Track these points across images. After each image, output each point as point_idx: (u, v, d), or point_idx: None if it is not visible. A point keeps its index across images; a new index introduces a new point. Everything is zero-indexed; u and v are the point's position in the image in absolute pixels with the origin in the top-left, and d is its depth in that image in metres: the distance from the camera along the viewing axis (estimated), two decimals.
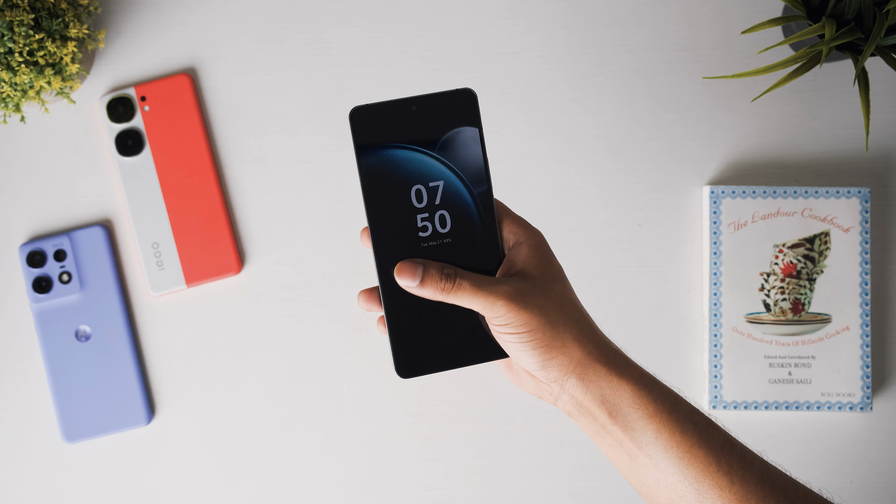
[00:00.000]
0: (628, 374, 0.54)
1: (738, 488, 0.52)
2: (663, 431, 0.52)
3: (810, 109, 0.84)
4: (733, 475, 0.52)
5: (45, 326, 0.83)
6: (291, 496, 0.84)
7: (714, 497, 0.52)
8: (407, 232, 0.55)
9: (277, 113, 0.85)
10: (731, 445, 0.53)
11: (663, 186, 0.85)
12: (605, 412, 0.53)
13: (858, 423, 0.84)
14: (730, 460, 0.53)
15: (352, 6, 0.85)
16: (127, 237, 0.85)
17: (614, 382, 0.53)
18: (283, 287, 0.85)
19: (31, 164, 0.85)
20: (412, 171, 0.54)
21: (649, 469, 0.53)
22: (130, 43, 0.85)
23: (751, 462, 0.53)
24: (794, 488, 0.54)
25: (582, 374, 0.53)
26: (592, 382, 0.53)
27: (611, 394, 0.53)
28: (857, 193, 0.82)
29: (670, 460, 0.52)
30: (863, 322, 0.82)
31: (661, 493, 0.53)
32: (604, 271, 0.85)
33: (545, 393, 0.55)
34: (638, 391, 0.53)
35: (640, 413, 0.53)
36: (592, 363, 0.53)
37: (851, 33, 0.71)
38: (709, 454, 0.52)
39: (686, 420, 0.53)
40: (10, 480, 0.84)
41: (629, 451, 0.53)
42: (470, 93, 0.55)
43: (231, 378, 0.84)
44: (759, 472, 0.53)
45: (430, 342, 0.56)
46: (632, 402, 0.53)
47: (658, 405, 0.53)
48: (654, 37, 0.85)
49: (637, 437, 0.53)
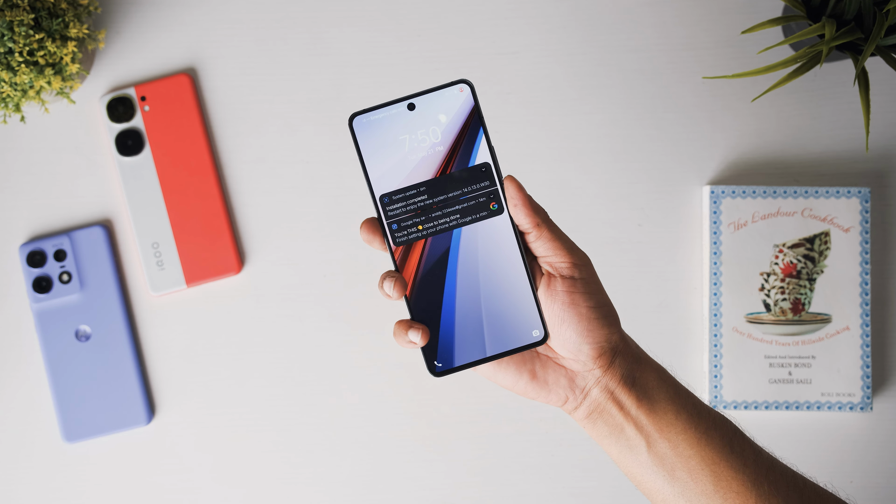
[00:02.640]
0: (651, 361, 0.56)
1: (752, 471, 0.53)
2: (682, 413, 0.54)
3: (810, 109, 0.84)
4: (746, 459, 0.54)
5: (45, 326, 0.83)
6: (291, 496, 0.84)
7: (729, 479, 0.53)
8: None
9: (277, 113, 0.85)
10: (741, 435, 0.55)
11: (663, 186, 0.85)
12: (633, 396, 0.54)
13: (858, 423, 0.84)
14: (742, 446, 0.54)
15: (352, 6, 0.85)
16: (127, 237, 0.85)
17: (642, 367, 0.55)
18: (283, 287, 0.85)
19: (31, 164, 0.85)
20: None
21: (667, 455, 0.54)
22: (130, 43, 0.85)
23: (760, 451, 0.55)
24: (802, 479, 0.55)
25: (624, 356, 0.54)
26: (629, 366, 0.54)
27: (640, 377, 0.54)
28: (857, 193, 0.82)
29: (688, 441, 0.53)
30: (863, 322, 0.82)
31: (675, 483, 0.54)
32: (604, 271, 0.84)
33: (574, 392, 0.55)
34: (660, 375, 0.55)
35: (663, 395, 0.54)
36: (630, 348, 0.55)
37: (851, 33, 0.71)
38: (723, 438, 0.54)
39: (700, 407, 0.55)
40: (10, 480, 0.84)
41: (649, 436, 0.54)
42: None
43: (231, 378, 0.84)
44: (769, 459, 0.55)
45: (461, 334, 0.55)
46: (656, 384, 0.54)
47: (676, 389, 0.55)
48: (654, 37, 0.85)
49: (659, 418, 0.54)
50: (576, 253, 0.54)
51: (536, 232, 0.54)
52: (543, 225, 0.54)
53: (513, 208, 0.54)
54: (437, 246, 0.55)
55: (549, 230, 0.54)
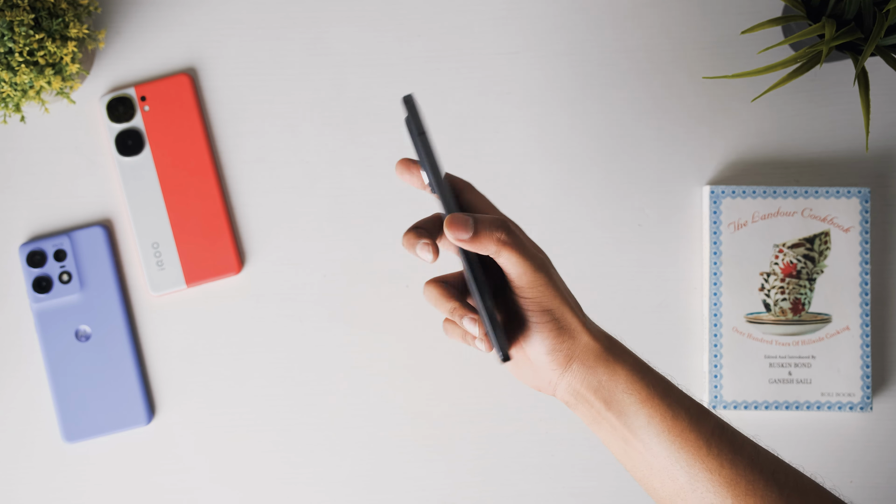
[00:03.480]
0: (623, 360, 0.55)
1: (728, 472, 0.53)
2: (655, 416, 0.53)
3: (810, 109, 0.84)
4: (723, 459, 0.53)
5: (45, 326, 0.83)
6: (291, 496, 0.84)
7: (704, 480, 0.53)
8: None
9: (277, 113, 0.85)
10: (722, 430, 0.54)
11: (663, 186, 0.85)
12: (601, 400, 0.54)
13: (858, 423, 0.84)
14: (720, 444, 0.53)
15: (352, 6, 0.85)
16: (127, 237, 0.85)
17: (611, 369, 0.54)
18: (283, 287, 0.85)
19: (31, 164, 0.85)
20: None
21: (643, 454, 0.54)
22: (130, 43, 0.85)
23: (741, 446, 0.54)
24: (784, 472, 0.55)
25: (584, 360, 0.54)
26: (591, 369, 0.54)
27: (607, 380, 0.54)
28: (857, 193, 0.82)
29: (662, 444, 0.53)
30: (863, 322, 0.82)
31: (654, 477, 0.54)
32: (604, 271, 0.85)
33: (544, 382, 0.56)
34: (632, 377, 0.54)
35: (634, 398, 0.54)
36: (595, 350, 0.54)
37: (851, 33, 0.71)
38: (699, 438, 0.53)
39: (677, 405, 0.54)
40: (10, 480, 0.84)
41: (623, 436, 0.54)
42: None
43: (231, 378, 0.84)
44: (750, 455, 0.54)
45: (506, 325, 0.56)
46: (626, 387, 0.54)
47: (650, 390, 0.54)
48: (654, 37, 0.85)
49: (630, 422, 0.54)
50: (531, 273, 0.53)
51: (496, 251, 0.53)
52: (502, 246, 0.53)
53: (462, 245, 0.54)
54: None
55: (508, 250, 0.53)
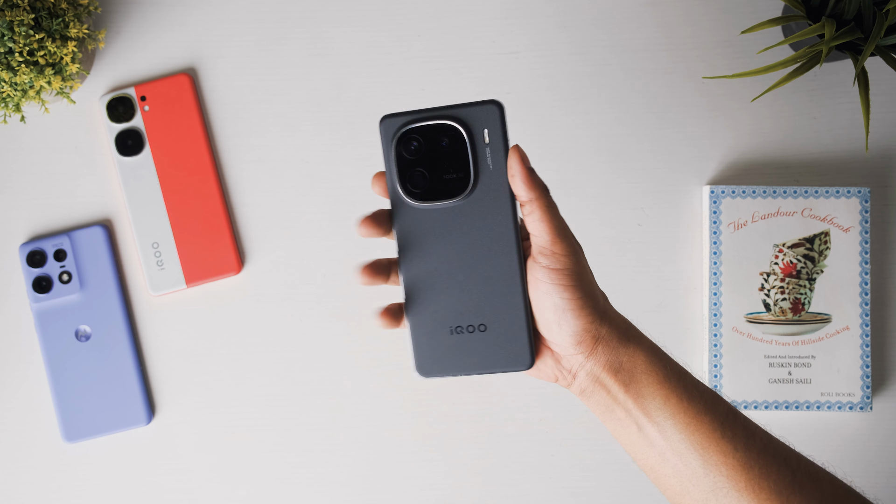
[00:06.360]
0: (641, 342, 0.55)
1: (742, 455, 0.53)
2: (671, 398, 0.54)
3: (810, 109, 0.84)
4: (737, 442, 0.53)
5: (45, 326, 0.83)
6: (291, 496, 0.84)
7: (718, 463, 0.53)
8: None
9: (277, 113, 0.85)
10: (735, 415, 0.55)
11: (663, 186, 0.85)
12: (620, 382, 0.54)
13: (858, 422, 0.84)
14: (734, 428, 0.54)
15: (352, 6, 0.85)
16: (127, 237, 0.85)
17: (631, 350, 0.55)
18: (283, 287, 0.85)
19: (31, 164, 0.85)
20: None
21: (656, 439, 0.54)
22: (130, 43, 0.85)
23: (754, 431, 0.55)
24: (796, 459, 0.55)
25: (609, 342, 0.55)
26: (615, 351, 0.54)
27: (627, 361, 0.54)
28: (857, 193, 0.82)
29: (677, 426, 0.53)
30: (863, 322, 0.82)
31: (666, 464, 0.54)
32: (604, 271, 0.85)
33: (563, 372, 0.56)
34: (650, 359, 0.55)
35: (651, 379, 0.54)
36: (617, 332, 0.55)
37: (851, 33, 0.71)
38: (714, 421, 0.54)
39: (692, 389, 0.54)
40: (10, 480, 0.84)
41: (637, 420, 0.54)
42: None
43: (231, 378, 0.84)
44: (762, 440, 0.54)
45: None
46: (645, 368, 0.54)
47: (667, 372, 0.54)
48: (654, 37, 0.85)
49: (647, 404, 0.54)
50: (560, 242, 0.54)
51: (529, 206, 0.53)
52: (537, 201, 0.53)
53: (511, 178, 0.54)
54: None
55: (541, 208, 0.53)
